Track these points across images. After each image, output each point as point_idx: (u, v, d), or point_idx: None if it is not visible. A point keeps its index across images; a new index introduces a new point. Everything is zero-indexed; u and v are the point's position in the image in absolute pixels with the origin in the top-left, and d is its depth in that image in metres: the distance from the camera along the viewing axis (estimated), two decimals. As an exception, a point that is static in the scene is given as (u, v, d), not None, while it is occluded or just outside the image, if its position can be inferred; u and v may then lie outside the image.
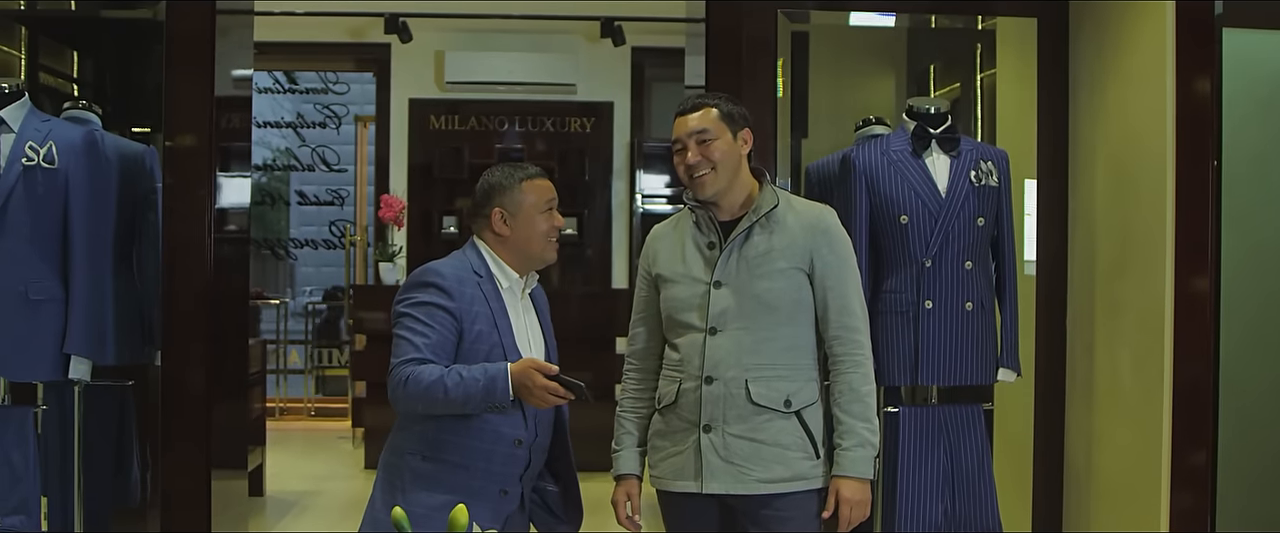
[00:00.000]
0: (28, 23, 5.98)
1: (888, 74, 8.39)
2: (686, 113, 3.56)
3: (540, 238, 3.53)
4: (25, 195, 4.31)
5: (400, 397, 3.35)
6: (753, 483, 3.48)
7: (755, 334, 3.49)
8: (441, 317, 3.39)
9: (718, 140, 3.51)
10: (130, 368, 4.86)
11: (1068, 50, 5.02)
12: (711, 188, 3.53)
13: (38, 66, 6.11)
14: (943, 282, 4.38)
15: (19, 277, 4.31)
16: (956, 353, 4.41)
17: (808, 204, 3.66)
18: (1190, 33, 4.32)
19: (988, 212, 4.44)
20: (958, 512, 4.44)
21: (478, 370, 3.31)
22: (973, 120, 5.99)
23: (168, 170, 4.82)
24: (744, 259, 3.52)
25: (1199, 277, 4.32)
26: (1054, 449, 5.01)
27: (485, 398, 3.30)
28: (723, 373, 3.49)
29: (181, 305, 4.80)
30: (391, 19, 9.08)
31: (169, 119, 4.84)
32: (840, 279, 3.53)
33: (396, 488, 3.48)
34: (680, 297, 3.58)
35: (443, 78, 9.44)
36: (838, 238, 3.56)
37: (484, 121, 9.60)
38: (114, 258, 4.61)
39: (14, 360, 4.34)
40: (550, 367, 3.28)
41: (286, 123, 11.34)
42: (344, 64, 10.53)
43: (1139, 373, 4.49)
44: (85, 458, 4.60)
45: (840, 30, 8.47)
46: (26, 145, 4.34)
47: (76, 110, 4.83)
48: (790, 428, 3.49)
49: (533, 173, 3.56)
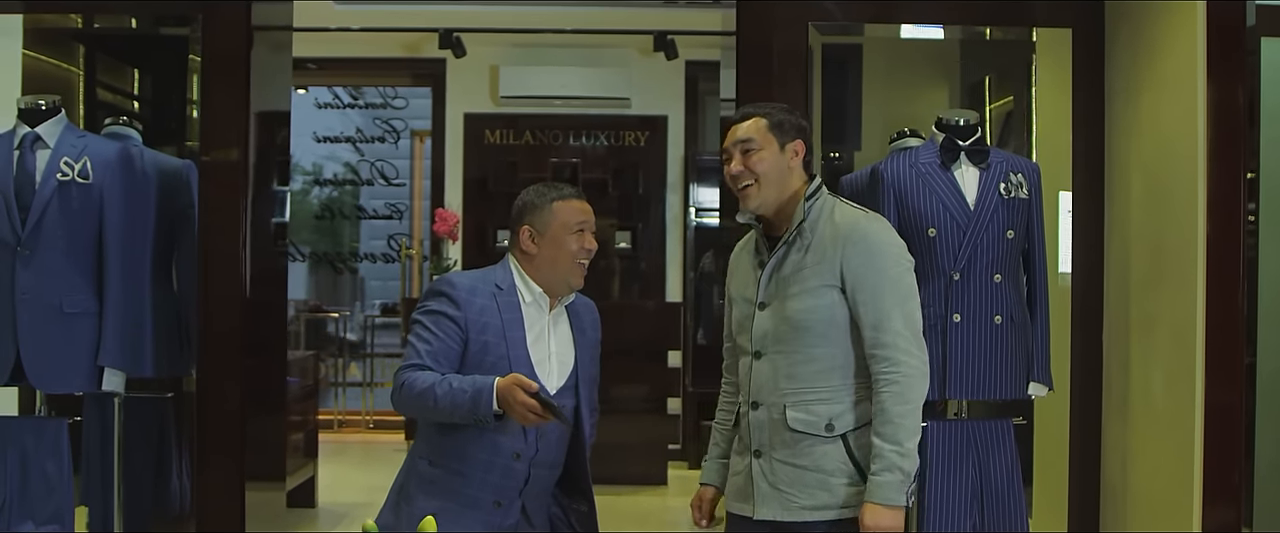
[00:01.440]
0: (84, 40, 6.11)
1: (942, 86, 8.34)
2: (736, 122, 3.50)
3: (567, 259, 3.52)
4: (60, 210, 4.40)
5: (398, 400, 3.43)
6: (798, 511, 3.40)
7: (790, 358, 3.40)
8: (447, 325, 3.45)
9: (763, 151, 3.41)
10: (170, 380, 4.93)
11: (1103, 60, 4.95)
12: (754, 200, 3.44)
13: (95, 83, 6.24)
14: (971, 295, 4.33)
15: (54, 290, 4.40)
16: (985, 367, 4.35)
17: (852, 213, 3.47)
18: (1221, 40, 4.24)
19: (1018, 224, 4.38)
20: (987, 528, 4.38)
21: (468, 382, 3.34)
22: (1027, 133, 5.94)
23: (203, 185, 4.88)
24: (779, 278, 3.43)
25: (1231, 290, 4.24)
26: (1091, 465, 4.94)
27: (471, 410, 3.32)
28: (765, 398, 3.44)
29: (215, 318, 4.86)
30: (446, 34, 9.15)
31: (204, 134, 4.91)
32: (873, 292, 3.35)
33: (403, 491, 3.56)
34: (736, 319, 3.55)
35: (497, 92, 9.49)
36: (871, 246, 3.37)
37: (538, 135, 9.65)
38: (152, 271, 4.69)
39: (48, 372, 4.41)
40: (531, 384, 3.27)
41: (346, 138, 11.45)
42: (401, 79, 10.62)
43: (1171, 388, 4.41)
44: (125, 468, 4.68)
45: (892, 43, 8.45)
46: (62, 161, 4.42)
47: (116, 126, 4.91)
48: (834, 453, 3.39)
49: (567, 194, 3.56)
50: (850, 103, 8.53)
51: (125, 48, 6.23)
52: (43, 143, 4.45)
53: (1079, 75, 4.99)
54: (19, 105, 4.49)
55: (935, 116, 4.52)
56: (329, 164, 12.23)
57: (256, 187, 5.13)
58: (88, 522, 4.82)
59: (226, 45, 4.91)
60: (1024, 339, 4.43)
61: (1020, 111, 6.20)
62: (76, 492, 4.83)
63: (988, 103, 7.67)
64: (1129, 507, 4.74)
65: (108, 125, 4.93)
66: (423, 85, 10.15)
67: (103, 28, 6.26)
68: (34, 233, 4.36)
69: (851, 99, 8.56)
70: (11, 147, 4.44)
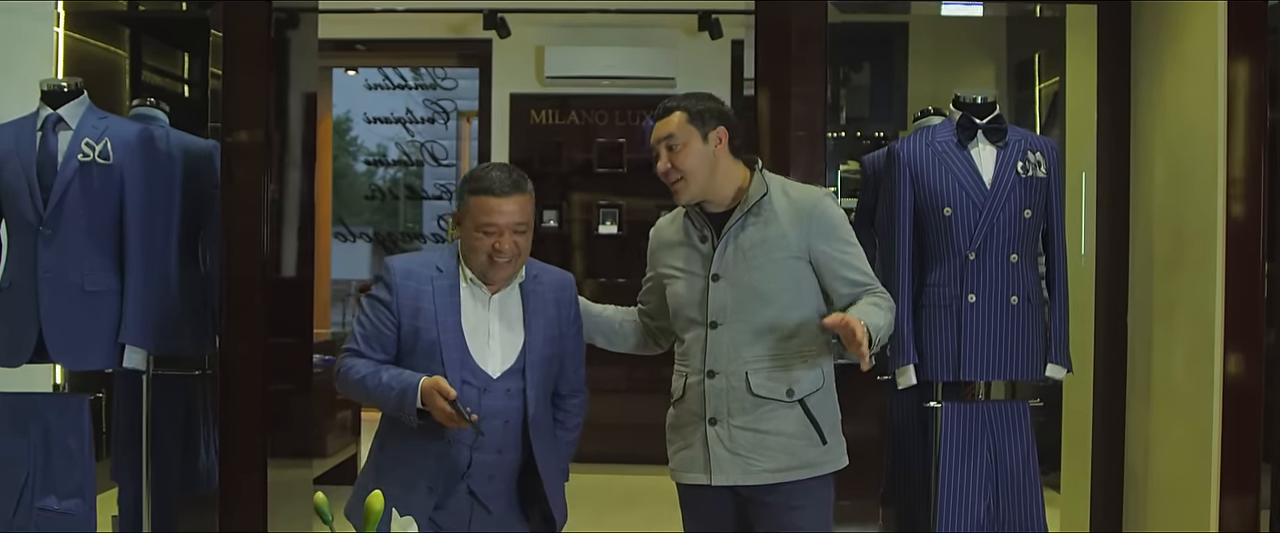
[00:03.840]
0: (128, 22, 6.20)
1: (988, 65, 8.26)
2: (657, 117, 3.57)
3: (478, 255, 3.43)
4: (81, 190, 4.45)
5: (336, 382, 3.46)
6: (759, 473, 3.50)
7: (753, 326, 3.49)
8: (380, 310, 3.46)
9: (686, 147, 3.50)
10: (199, 358, 4.99)
11: (1129, 38, 4.87)
12: (685, 194, 3.55)
13: (140, 65, 6.32)
14: (987, 275, 4.28)
15: (76, 269, 4.45)
16: (1001, 348, 4.31)
17: (804, 189, 3.64)
18: (1242, 19, 4.18)
19: (1035, 203, 4.32)
20: (1001, 510, 4.34)
21: (396, 379, 3.35)
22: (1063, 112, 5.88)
23: (225, 165, 4.92)
24: (739, 251, 3.51)
25: (1251, 271, 4.17)
26: (1115, 449, 4.88)
27: (398, 407, 3.34)
28: (724, 366, 3.50)
29: (237, 297, 4.89)
30: (490, 15, 9.15)
31: (225, 114, 4.93)
32: (843, 260, 3.51)
33: (366, 470, 3.58)
34: (682, 293, 3.59)
35: (542, 73, 9.48)
36: (831, 220, 3.53)
37: (584, 116, 9.62)
38: (179, 250, 4.74)
39: (70, 349, 4.47)
40: (450, 391, 3.27)
41: (397, 119, 11.50)
42: (448, 60, 10.62)
43: (1191, 370, 4.35)
44: (154, 446, 4.74)
45: (937, 21, 8.37)
46: (83, 142, 4.48)
47: (143, 108, 4.96)
48: (794, 417, 3.50)
49: (485, 186, 3.38)
50: (896, 82, 8.48)
51: (171, 30, 6.30)
52: (65, 124, 4.51)
53: (1104, 53, 4.92)
54: (42, 87, 4.54)
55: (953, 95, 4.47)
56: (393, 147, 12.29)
57: (281, 166, 5.17)
58: (118, 499, 4.92)
59: (246, 24, 4.94)
60: (1041, 320, 4.37)
61: (1065, 90, 6.13)
62: (107, 469, 4.94)
63: (1037, 82, 7.60)
64: (1150, 491, 4.68)
65: (134, 107, 4.98)
66: (469, 66, 10.14)
67: (146, 10, 6.35)
68: (56, 213, 4.42)
69: (897, 78, 8.51)
70: (35, 128, 4.50)
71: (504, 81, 9.61)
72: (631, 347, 3.88)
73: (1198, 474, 4.27)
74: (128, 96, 5.85)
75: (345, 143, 13.78)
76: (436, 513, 3.47)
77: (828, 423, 3.55)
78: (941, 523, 4.30)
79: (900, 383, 4.34)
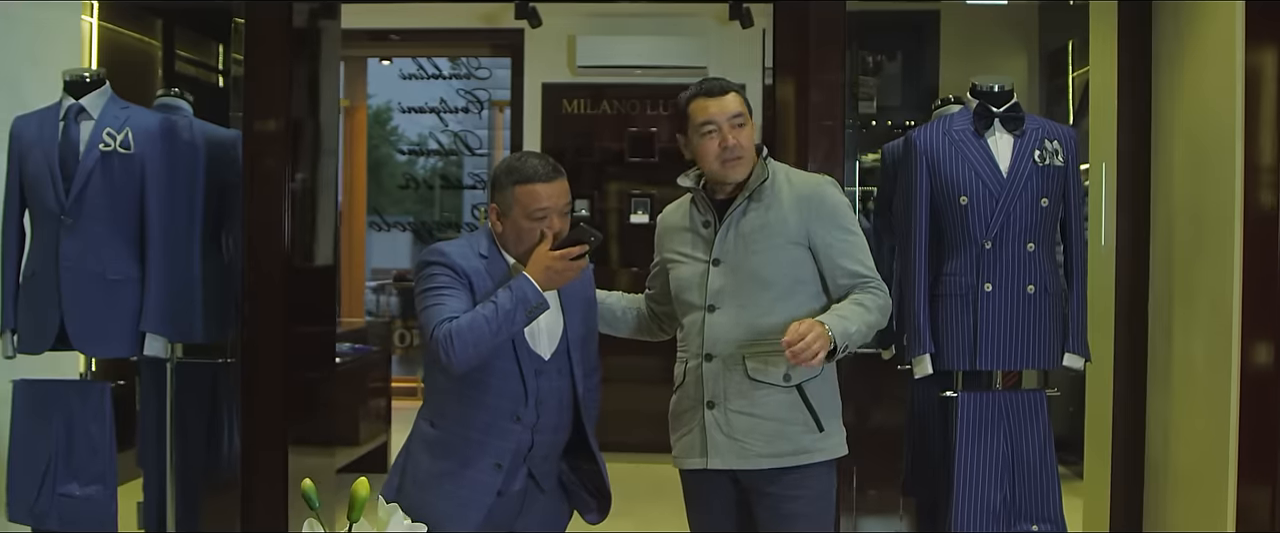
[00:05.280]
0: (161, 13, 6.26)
1: (1021, 53, 8.21)
2: (720, 95, 3.56)
3: (525, 243, 3.43)
4: (103, 180, 4.50)
5: (452, 351, 3.28)
6: (755, 458, 3.52)
7: (751, 310, 3.51)
8: (455, 284, 3.40)
9: (747, 126, 3.55)
10: (224, 346, 5.04)
11: (1150, 25, 4.83)
12: (742, 171, 3.57)
13: (174, 56, 6.38)
14: (1003, 264, 4.26)
15: (97, 258, 4.50)
16: (1018, 337, 4.28)
17: (806, 176, 3.66)
18: (1260, 7, 4.12)
19: (1052, 192, 4.29)
20: (1017, 500, 4.32)
21: (501, 294, 3.33)
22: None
23: (246, 154, 4.96)
24: (740, 236, 3.53)
25: (1269, 260, 4.12)
26: (1135, 438, 4.85)
27: (522, 306, 3.31)
28: (721, 350, 3.53)
29: (258, 285, 4.94)
30: (521, 4, 9.15)
31: (247, 104, 4.98)
32: (842, 248, 3.52)
33: (409, 450, 3.58)
34: (683, 276, 3.62)
35: (574, 62, 9.49)
36: (832, 206, 3.55)
37: (616, 105, 9.63)
38: (202, 239, 4.79)
39: (91, 337, 4.53)
40: (548, 243, 3.34)
41: (431, 108, 11.53)
42: (480, 49, 10.65)
43: (1210, 359, 4.32)
44: (178, 433, 4.79)
45: (969, 10, 8.32)
46: (104, 132, 4.53)
47: (168, 98, 5.01)
48: (791, 402, 3.51)
49: (530, 174, 3.40)
50: (927, 70, 8.44)
51: (203, 19, 6.35)
52: (87, 114, 4.56)
53: (1125, 43, 4.88)
54: (64, 77, 4.60)
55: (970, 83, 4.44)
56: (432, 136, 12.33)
57: (303, 155, 5.20)
58: (143, 486, 4.97)
59: (268, 13, 4.97)
60: (1059, 310, 4.35)
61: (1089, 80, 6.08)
62: (133, 457, 4.99)
63: (1070, 70, 7.55)
64: (1170, 481, 4.65)
65: (160, 97, 5.03)
66: (501, 56, 10.17)
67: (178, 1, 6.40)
68: (77, 202, 4.47)
69: (928, 66, 8.47)
70: (57, 118, 4.55)
71: (536, 71, 9.63)
72: (629, 332, 3.91)
73: (1217, 464, 4.23)
74: (160, 86, 5.89)
75: (386, 133, 13.83)
76: (498, 498, 3.50)
77: (825, 410, 3.55)
78: (957, 513, 4.28)
79: (917, 372, 4.33)
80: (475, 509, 3.46)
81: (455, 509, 3.45)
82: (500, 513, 3.53)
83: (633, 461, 6.65)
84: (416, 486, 3.50)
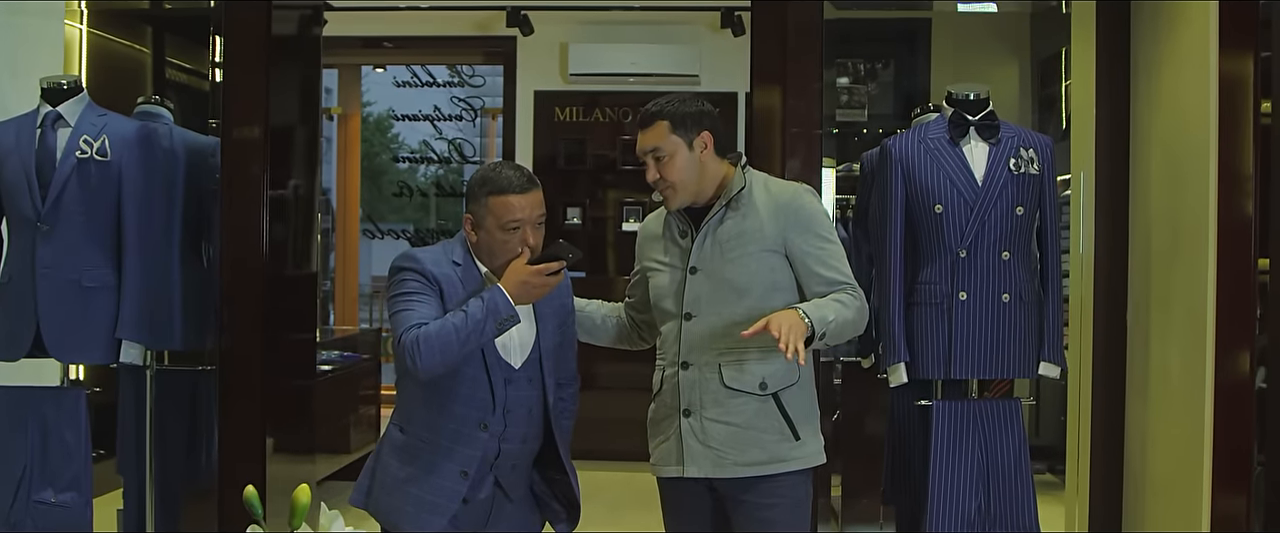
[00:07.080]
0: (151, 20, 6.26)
1: (1012, 62, 8.21)
2: (641, 127, 3.58)
3: (501, 254, 3.44)
4: (79, 187, 4.49)
5: (418, 357, 3.29)
6: (730, 466, 3.51)
7: (727, 318, 3.49)
8: (426, 290, 3.41)
9: (674, 157, 3.51)
10: (202, 353, 5.03)
11: (1129, 33, 4.83)
12: (675, 202, 3.57)
13: (164, 63, 6.38)
14: (978, 273, 4.25)
15: (73, 265, 4.49)
16: (992, 346, 4.27)
17: (784, 184, 3.64)
18: (1233, 13, 4.12)
19: (1028, 200, 4.28)
20: (992, 509, 4.30)
21: (472, 304, 3.33)
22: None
23: (224, 161, 4.96)
24: (717, 244, 3.53)
25: (1243, 268, 4.12)
26: (1114, 446, 4.84)
27: (493, 317, 3.31)
28: (697, 358, 3.52)
29: (235, 293, 4.93)
30: (513, 12, 9.17)
31: (224, 110, 4.98)
32: (818, 256, 3.51)
33: (379, 456, 3.60)
34: (661, 284, 3.62)
35: (566, 70, 9.50)
36: (809, 214, 3.53)
37: (608, 113, 9.63)
38: (181, 246, 4.79)
39: (67, 344, 4.52)
40: (524, 257, 3.35)
41: (424, 116, 11.54)
42: (473, 57, 10.65)
43: (1186, 366, 4.31)
44: (158, 441, 4.79)
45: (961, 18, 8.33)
46: (81, 139, 4.52)
47: (147, 105, 5.01)
48: (766, 410, 3.50)
49: (504, 185, 3.40)
50: (919, 78, 8.44)
51: (192, 27, 6.35)
52: (64, 121, 4.56)
53: (1103, 50, 4.88)
54: (42, 84, 4.60)
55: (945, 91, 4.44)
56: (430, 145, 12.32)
57: (282, 162, 5.20)
58: (123, 494, 4.96)
59: (245, 20, 4.97)
60: (1035, 318, 4.34)
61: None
62: (112, 465, 4.98)
63: (1063, 78, 7.54)
64: (1148, 488, 4.64)
65: (140, 104, 5.03)
66: (494, 63, 10.18)
67: (168, 8, 6.40)
68: (53, 209, 4.46)
69: (920, 74, 8.47)
70: (35, 125, 4.56)
71: (528, 79, 9.63)
72: (609, 341, 3.91)
73: (1192, 471, 4.23)
74: (149, 93, 5.90)
75: (386, 140, 13.84)
76: (464, 505, 3.50)
77: (801, 418, 3.54)
78: (932, 521, 4.27)
79: (892, 381, 4.32)
80: (440, 515, 3.46)
81: (420, 514, 3.46)
82: (467, 520, 3.53)
83: (614, 469, 6.66)
84: (384, 490, 3.52)
